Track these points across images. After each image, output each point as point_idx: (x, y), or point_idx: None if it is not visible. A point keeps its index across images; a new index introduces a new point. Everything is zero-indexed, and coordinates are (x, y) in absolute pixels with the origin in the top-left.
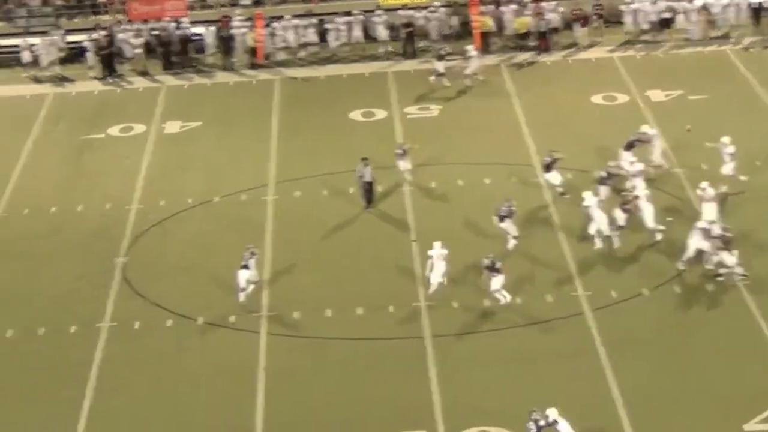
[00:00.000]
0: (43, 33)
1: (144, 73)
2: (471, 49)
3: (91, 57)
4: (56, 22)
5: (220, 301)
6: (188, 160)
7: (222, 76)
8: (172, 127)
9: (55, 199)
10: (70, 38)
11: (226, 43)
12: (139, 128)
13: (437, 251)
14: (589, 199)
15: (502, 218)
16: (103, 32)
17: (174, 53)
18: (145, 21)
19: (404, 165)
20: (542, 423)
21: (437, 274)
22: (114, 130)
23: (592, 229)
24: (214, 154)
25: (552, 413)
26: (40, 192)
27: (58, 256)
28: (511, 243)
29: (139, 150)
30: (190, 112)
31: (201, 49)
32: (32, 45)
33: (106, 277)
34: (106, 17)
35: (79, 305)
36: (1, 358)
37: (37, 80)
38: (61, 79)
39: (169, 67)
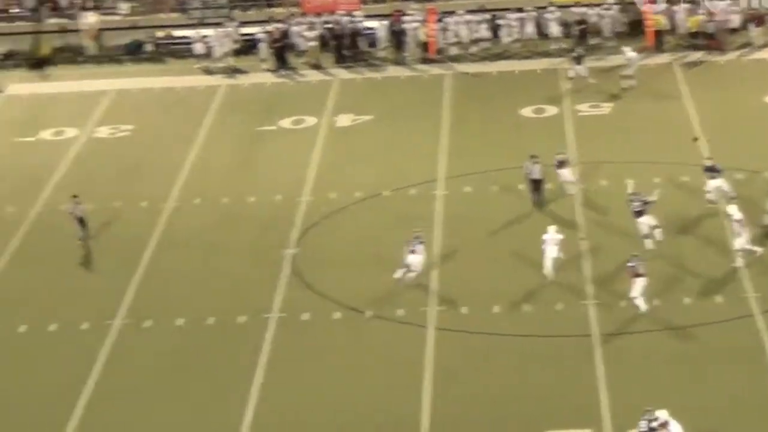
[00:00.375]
0: (217, 25)
1: (316, 66)
2: (628, 50)
3: (264, 49)
4: (230, 14)
5: (389, 294)
6: (359, 154)
7: (394, 70)
8: (344, 120)
9: (227, 190)
10: (244, 30)
11: (397, 38)
12: (310, 121)
13: (551, 236)
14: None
15: (639, 213)
16: (277, 25)
17: (346, 47)
18: (319, 14)
19: (565, 175)
20: (654, 424)
21: (548, 258)
22: (286, 122)
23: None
24: (384, 147)
25: (662, 414)
26: (211, 183)
27: (228, 246)
28: (648, 243)
29: (310, 143)
30: (362, 106)
31: (373, 43)
32: (204, 36)
33: (275, 269)
34: (280, 10)
35: (248, 296)
36: (172, 346)
37: (209, 72)
38: (234, 71)
39: (341, 60)
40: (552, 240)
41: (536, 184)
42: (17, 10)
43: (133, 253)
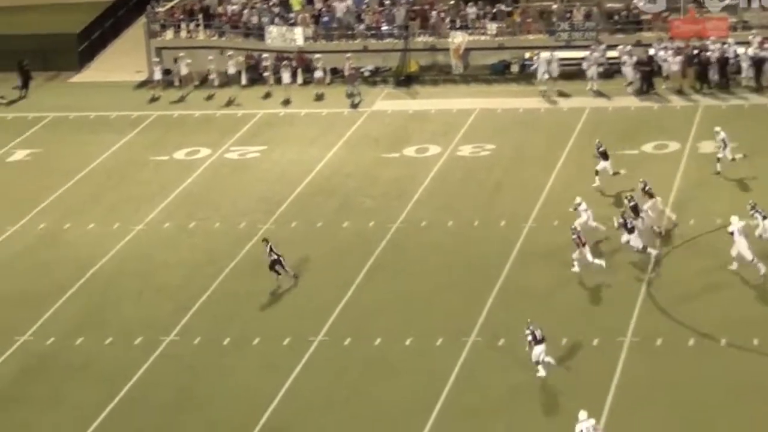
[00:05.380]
0: (584, 47)
1: (680, 92)
2: None
3: (630, 72)
4: (597, 36)
5: (744, 322)
6: (719, 181)
7: (757, 98)
8: (708, 146)
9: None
10: (610, 54)
11: (758, 65)
12: (673, 146)
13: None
14: None
15: None
16: (644, 49)
17: (712, 73)
18: (686, 39)
19: None
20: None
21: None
22: (648, 147)
23: None
24: (747, 176)
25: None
26: (569, 203)
27: (586, 266)
28: None
29: (672, 168)
30: (728, 133)
31: (738, 70)
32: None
33: (632, 292)
34: (648, 34)
35: (604, 318)
36: (522, 364)
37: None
38: (599, 94)
39: (706, 86)
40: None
41: None
42: (386, 27)
43: (491, 270)
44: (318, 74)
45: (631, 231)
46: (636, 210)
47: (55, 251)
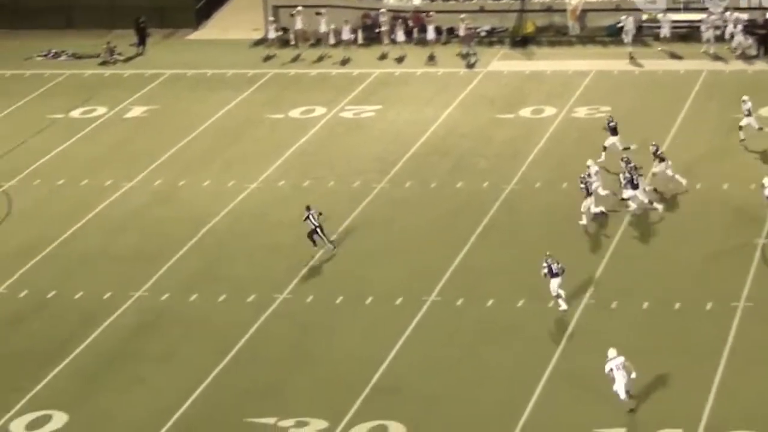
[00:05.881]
0: (701, 9)
1: None
2: None
3: (742, 36)
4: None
5: None
6: None
7: None
8: None
9: (701, 175)
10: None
11: None
12: None
13: None
14: None
15: None
16: (763, 11)
17: None
18: None
19: None
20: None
21: None
22: (765, 111)
23: None
24: None
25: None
26: (689, 167)
27: (699, 231)
28: None
29: None
30: None
31: None
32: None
33: (746, 257)
34: None
35: (717, 283)
36: (637, 328)
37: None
38: (716, 57)
39: None
40: None
41: None
42: None
43: (605, 232)
44: (432, 35)
45: (635, 187)
46: (662, 158)
47: (170, 208)
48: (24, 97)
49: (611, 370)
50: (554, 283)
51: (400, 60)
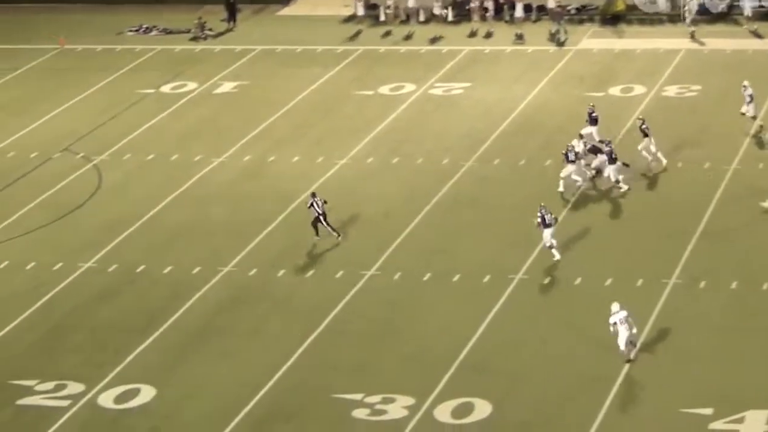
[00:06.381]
0: None
1: None
2: None
3: None
4: None
5: None
6: None
7: None
8: None
9: None
10: None
11: None
12: None
13: None
14: None
15: None
16: None
17: None
18: None
19: None
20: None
21: None
22: None
23: None
24: None
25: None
26: None
27: None
28: None
29: None
30: None
31: None
32: None
33: None
34: None
35: None
36: (724, 309)
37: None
38: None
39: None
40: None
41: None
42: None
43: (696, 210)
44: (520, 12)
45: (613, 162)
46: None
47: (259, 183)
48: (115, 72)
49: (615, 323)
50: (547, 233)
51: (488, 35)
